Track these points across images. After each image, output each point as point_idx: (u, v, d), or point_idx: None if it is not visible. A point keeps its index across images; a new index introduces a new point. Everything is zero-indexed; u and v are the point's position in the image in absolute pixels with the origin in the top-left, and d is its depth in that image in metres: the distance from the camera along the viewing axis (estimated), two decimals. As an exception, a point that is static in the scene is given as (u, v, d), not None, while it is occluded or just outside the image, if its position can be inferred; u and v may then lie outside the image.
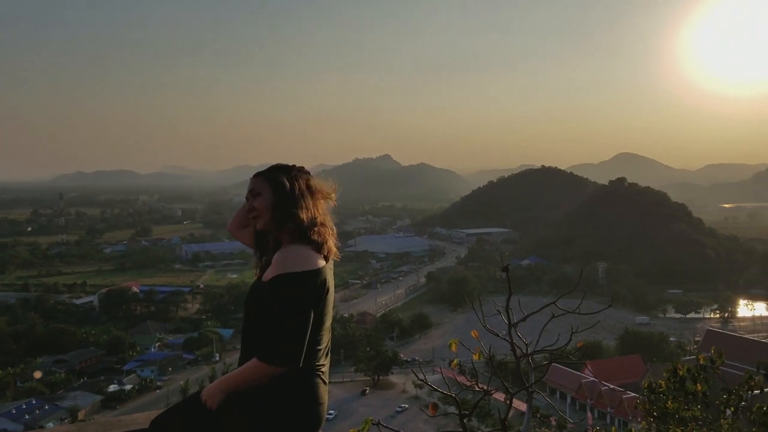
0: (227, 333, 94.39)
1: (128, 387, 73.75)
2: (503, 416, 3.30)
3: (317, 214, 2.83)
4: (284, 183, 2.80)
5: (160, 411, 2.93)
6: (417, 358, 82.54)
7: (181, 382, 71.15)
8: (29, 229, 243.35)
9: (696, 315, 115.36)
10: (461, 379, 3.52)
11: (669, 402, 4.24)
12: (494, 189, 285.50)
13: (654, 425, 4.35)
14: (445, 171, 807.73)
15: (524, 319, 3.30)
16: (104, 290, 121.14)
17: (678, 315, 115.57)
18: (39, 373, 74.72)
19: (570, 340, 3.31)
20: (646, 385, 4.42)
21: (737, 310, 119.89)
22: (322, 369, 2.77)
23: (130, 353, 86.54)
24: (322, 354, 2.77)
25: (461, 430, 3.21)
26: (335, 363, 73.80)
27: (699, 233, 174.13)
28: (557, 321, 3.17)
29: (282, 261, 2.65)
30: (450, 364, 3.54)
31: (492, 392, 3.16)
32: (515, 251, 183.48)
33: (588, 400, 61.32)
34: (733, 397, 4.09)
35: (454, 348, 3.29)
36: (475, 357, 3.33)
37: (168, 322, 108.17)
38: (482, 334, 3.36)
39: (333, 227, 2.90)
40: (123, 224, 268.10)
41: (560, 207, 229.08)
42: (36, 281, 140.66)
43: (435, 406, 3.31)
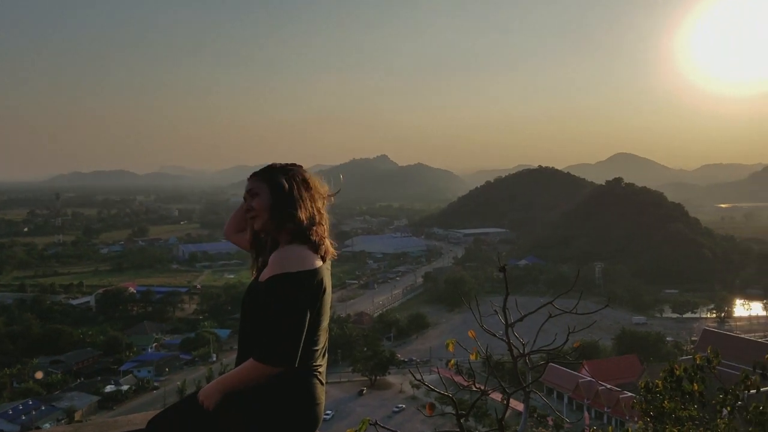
0: (224, 333, 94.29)
1: (125, 387, 73.71)
2: (500, 416, 3.30)
3: (315, 214, 2.83)
4: (282, 183, 2.79)
5: (157, 411, 2.92)
6: (414, 358, 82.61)
7: (178, 383, 71.14)
8: (26, 230, 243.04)
9: (693, 315, 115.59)
10: (458, 379, 3.53)
11: (666, 402, 4.24)
12: (491, 189, 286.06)
13: (651, 425, 4.36)
14: (443, 171, 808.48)
15: (521, 319, 3.30)
16: (101, 291, 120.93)
17: (675, 315, 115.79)
18: (40, 374, 74.83)
19: (567, 340, 3.31)
20: (643, 385, 4.42)
21: (734, 310, 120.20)
22: (319, 369, 2.76)
23: (127, 354, 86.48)
24: (319, 354, 2.76)
25: (458, 430, 3.21)
26: (332, 363, 73.78)
27: (696, 233, 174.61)
28: (554, 321, 3.17)
29: (279, 261, 2.64)
30: (447, 364, 3.54)
31: (489, 392, 3.16)
32: (512, 251, 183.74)
33: (585, 400, 61.41)
34: (730, 397, 4.09)
35: (452, 348, 3.28)
36: (472, 357, 3.33)
37: (165, 323, 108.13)
38: (479, 334, 3.36)
39: (328, 227, 2.90)
40: (120, 224, 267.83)
41: (557, 207, 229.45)
42: (32, 282, 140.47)
43: (432, 406, 3.32)
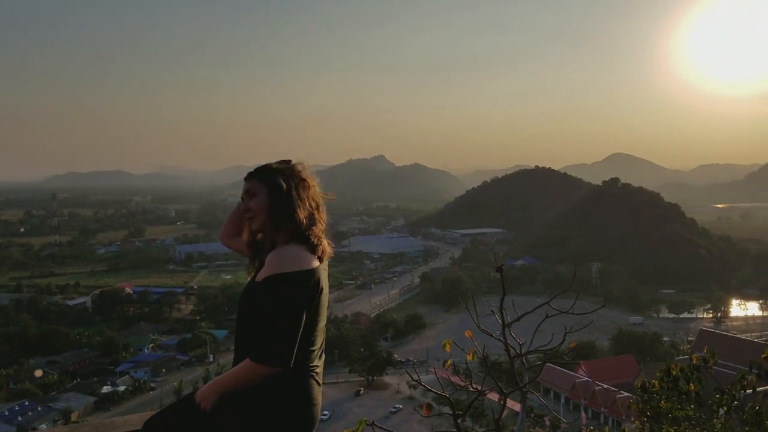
0: (221, 334, 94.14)
1: (122, 388, 73.60)
2: (497, 416, 3.31)
3: (314, 214, 2.83)
4: (280, 184, 2.78)
5: (154, 412, 2.92)
6: (411, 359, 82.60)
7: (175, 384, 70.99)
8: (22, 230, 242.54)
9: (689, 315, 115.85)
10: (455, 380, 3.52)
11: (662, 402, 4.25)
12: (488, 189, 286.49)
13: (647, 425, 4.37)
14: (440, 171, 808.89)
15: (518, 320, 3.31)
16: (97, 291, 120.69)
17: (671, 315, 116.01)
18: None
19: (564, 340, 3.31)
20: (640, 385, 4.44)
21: (730, 310, 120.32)
22: (317, 370, 2.75)
23: (124, 354, 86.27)
24: (317, 355, 2.76)
25: (455, 431, 3.21)
26: (329, 364, 73.71)
27: (692, 233, 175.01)
28: (551, 321, 3.17)
29: (276, 261, 2.63)
30: (444, 365, 3.54)
31: (486, 392, 3.16)
32: (509, 251, 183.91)
33: (582, 400, 61.49)
34: (726, 397, 4.10)
35: (449, 348, 3.29)
36: (469, 357, 3.33)
37: (161, 323, 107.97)
38: (476, 335, 3.36)
39: (325, 227, 2.89)
40: (116, 225, 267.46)
41: (554, 207, 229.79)
42: (29, 282, 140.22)
43: (429, 407, 3.31)
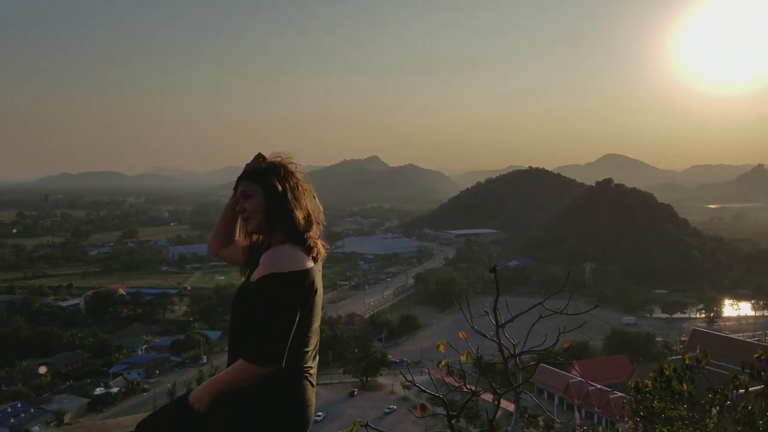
0: (215, 335, 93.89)
1: (115, 390, 73.38)
2: (491, 417, 3.31)
3: (310, 214, 2.83)
4: (275, 185, 2.78)
5: (147, 414, 2.91)
6: (405, 360, 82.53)
7: (169, 385, 70.88)
8: (14, 231, 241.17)
9: (682, 315, 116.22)
10: (449, 380, 3.53)
11: (655, 402, 4.26)
12: (482, 190, 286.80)
13: (640, 425, 4.38)
14: (434, 172, 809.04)
15: (512, 320, 3.31)
16: (90, 292, 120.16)
17: (664, 315, 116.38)
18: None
19: (557, 341, 3.32)
20: (633, 385, 4.44)
21: (722, 310, 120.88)
22: (311, 371, 2.74)
23: (117, 356, 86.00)
24: (310, 356, 2.74)
25: (449, 431, 3.22)
26: (323, 364, 73.48)
27: (685, 234, 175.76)
28: (545, 321, 3.18)
29: (270, 261, 2.62)
30: (438, 365, 3.54)
31: (480, 393, 3.17)
32: (503, 252, 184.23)
33: (575, 400, 61.63)
34: (719, 397, 4.12)
35: (443, 349, 3.29)
36: (463, 358, 3.34)
37: (155, 325, 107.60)
38: (470, 335, 3.37)
39: (322, 226, 2.89)
40: (109, 226, 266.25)
41: (548, 208, 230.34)
42: (21, 284, 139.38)
43: (423, 407, 3.32)
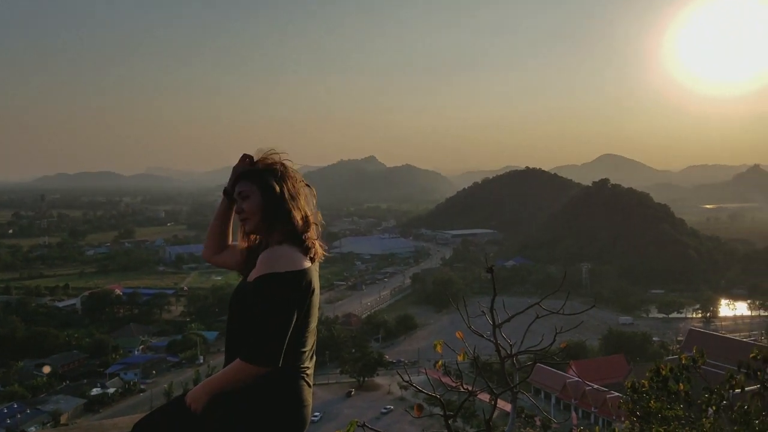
0: (211, 335, 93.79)
1: (111, 390, 73.18)
2: (488, 417, 3.31)
3: (308, 214, 2.83)
4: (273, 185, 2.78)
5: (144, 414, 2.91)
6: (402, 360, 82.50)
7: (165, 385, 70.69)
8: (10, 232, 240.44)
9: (678, 315, 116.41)
10: (446, 380, 3.53)
11: (652, 401, 4.27)
12: (479, 190, 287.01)
13: (637, 425, 4.39)
14: (430, 172, 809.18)
15: (509, 320, 3.31)
16: (87, 293, 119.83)
17: (661, 315, 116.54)
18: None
19: (554, 341, 3.32)
20: (630, 385, 4.45)
21: (719, 310, 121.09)
22: (307, 371, 2.74)
23: (113, 356, 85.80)
24: (307, 356, 2.74)
25: (446, 431, 3.22)
26: (320, 365, 73.61)
27: (681, 234, 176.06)
28: (541, 321, 3.18)
29: (267, 261, 2.62)
30: (435, 365, 3.54)
31: (477, 393, 3.17)
32: (500, 252, 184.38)
33: (572, 400, 61.67)
34: (715, 396, 4.13)
35: (440, 349, 3.29)
36: (460, 358, 3.34)
37: (151, 325, 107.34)
38: (467, 335, 3.37)
39: (320, 226, 2.88)
40: (106, 226, 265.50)
41: (545, 208, 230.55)
42: (17, 284, 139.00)
43: (420, 408, 3.32)
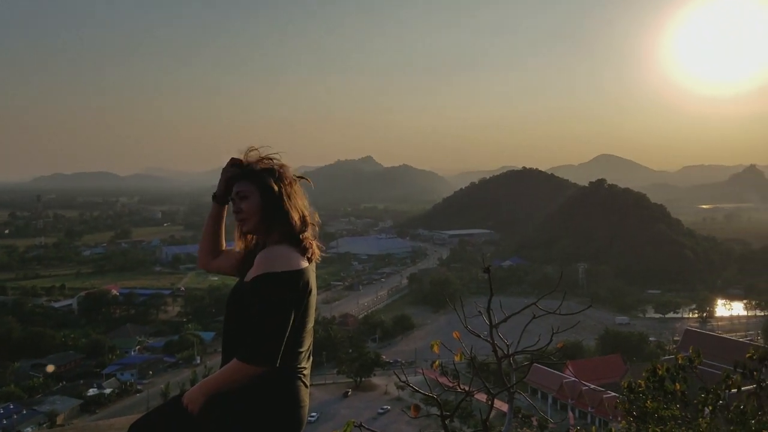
0: (208, 336, 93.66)
1: (108, 391, 73.04)
2: (485, 417, 3.31)
3: (306, 215, 2.83)
4: (271, 186, 2.78)
5: (140, 415, 2.90)
6: (399, 360, 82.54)
7: (162, 386, 70.57)
8: (7, 232, 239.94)
9: (675, 315, 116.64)
10: (443, 381, 3.53)
11: (648, 401, 4.27)
12: (476, 190, 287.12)
13: (634, 425, 4.39)
14: (427, 172, 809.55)
15: (505, 320, 3.31)
16: (83, 293, 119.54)
17: (657, 315, 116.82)
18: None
19: (551, 341, 3.33)
20: (626, 385, 4.45)
21: (715, 310, 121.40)
22: (304, 372, 2.74)
23: (110, 357, 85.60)
24: (304, 356, 2.75)
25: (443, 431, 3.22)
26: (317, 365, 73.57)
27: (678, 234, 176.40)
28: (538, 322, 3.19)
29: (265, 261, 2.63)
30: (432, 366, 3.54)
31: (474, 393, 3.17)
32: (497, 252, 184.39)
33: (569, 400, 61.72)
34: (711, 396, 4.13)
35: (437, 349, 3.29)
36: (457, 358, 3.34)
37: (148, 325, 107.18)
38: (464, 335, 3.37)
39: (317, 226, 2.88)
40: (102, 226, 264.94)
41: (541, 208, 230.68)
42: (13, 284, 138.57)
43: (417, 408, 3.32)
